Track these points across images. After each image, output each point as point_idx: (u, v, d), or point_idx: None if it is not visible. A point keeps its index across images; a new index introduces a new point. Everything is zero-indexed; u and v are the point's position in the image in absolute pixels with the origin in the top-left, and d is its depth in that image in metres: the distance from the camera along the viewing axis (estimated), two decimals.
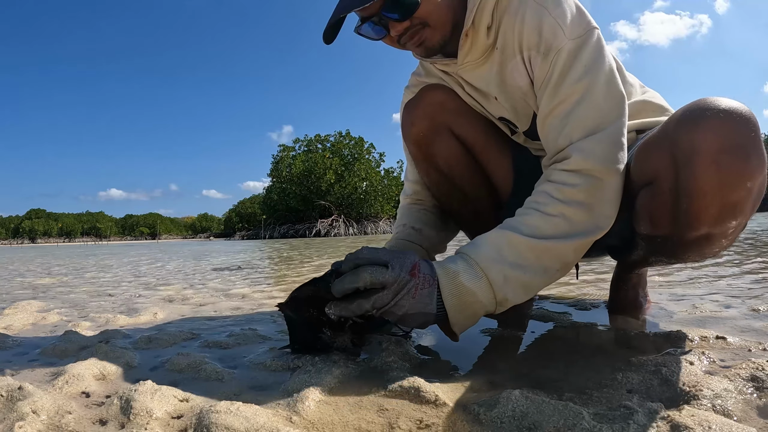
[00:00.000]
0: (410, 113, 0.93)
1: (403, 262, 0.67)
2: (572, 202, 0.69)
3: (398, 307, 0.66)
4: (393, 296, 0.65)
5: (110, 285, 2.21)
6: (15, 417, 0.49)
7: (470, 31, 0.79)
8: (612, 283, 1.05)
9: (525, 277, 0.69)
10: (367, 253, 0.69)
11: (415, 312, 0.66)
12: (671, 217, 0.67)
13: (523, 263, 0.69)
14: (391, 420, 0.50)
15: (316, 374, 0.62)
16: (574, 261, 0.72)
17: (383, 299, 0.65)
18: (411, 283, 0.66)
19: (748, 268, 1.72)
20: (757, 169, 0.59)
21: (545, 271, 0.70)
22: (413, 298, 0.66)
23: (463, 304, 0.67)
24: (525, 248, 0.69)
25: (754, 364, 0.58)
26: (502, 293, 0.67)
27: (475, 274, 0.67)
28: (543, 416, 0.47)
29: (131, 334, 0.97)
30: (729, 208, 0.62)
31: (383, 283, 0.65)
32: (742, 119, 0.58)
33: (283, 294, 1.65)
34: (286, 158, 29.64)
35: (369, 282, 0.65)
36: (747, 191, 0.60)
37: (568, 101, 0.71)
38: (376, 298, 0.65)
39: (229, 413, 0.48)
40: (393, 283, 0.65)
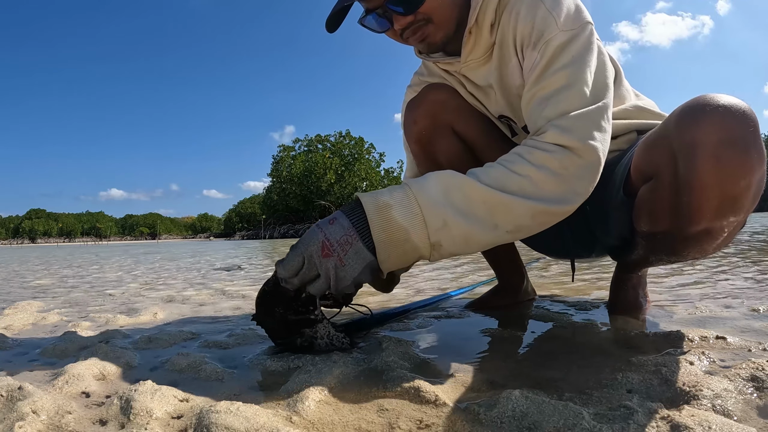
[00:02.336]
0: (413, 111, 0.94)
1: (309, 253, 0.67)
2: (542, 167, 0.66)
3: (341, 281, 0.67)
4: (326, 281, 0.67)
5: (110, 285, 2.21)
6: (15, 417, 0.49)
7: (474, 29, 0.79)
8: (612, 284, 1.05)
9: (468, 228, 0.65)
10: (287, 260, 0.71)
11: (357, 272, 0.66)
12: (672, 212, 0.68)
13: (471, 212, 0.65)
14: (391, 420, 0.50)
15: (316, 374, 0.62)
16: (529, 228, 0.68)
17: (321, 286, 0.68)
18: (330, 262, 0.66)
19: (748, 268, 1.72)
20: (756, 162, 0.59)
21: (494, 227, 0.66)
22: (344, 265, 0.66)
23: (392, 240, 0.65)
24: (478, 197, 0.65)
25: (754, 364, 0.58)
26: (437, 237, 0.65)
27: (410, 210, 0.65)
28: (543, 416, 0.47)
29: (131, 334, 0.97)
30: (729, 202, 0.62)
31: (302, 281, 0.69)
32: (742, 114, 0.59)
33: None
34: (287, 158, 29.65)
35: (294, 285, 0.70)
36: (746, 185, 0.60)
37: (550, 87, 0.70)
38: (316, 287, 0.69)
39: (229, 413, 0.48)
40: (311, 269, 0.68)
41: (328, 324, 0.76)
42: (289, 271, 0.69)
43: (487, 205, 0.65)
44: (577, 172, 0.66)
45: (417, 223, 0.64)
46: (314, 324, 0.75)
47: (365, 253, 0.66)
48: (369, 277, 0.67)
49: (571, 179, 0.66)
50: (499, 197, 0.64)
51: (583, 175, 0.67)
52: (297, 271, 0.68)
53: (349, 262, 0.65)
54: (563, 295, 1.31)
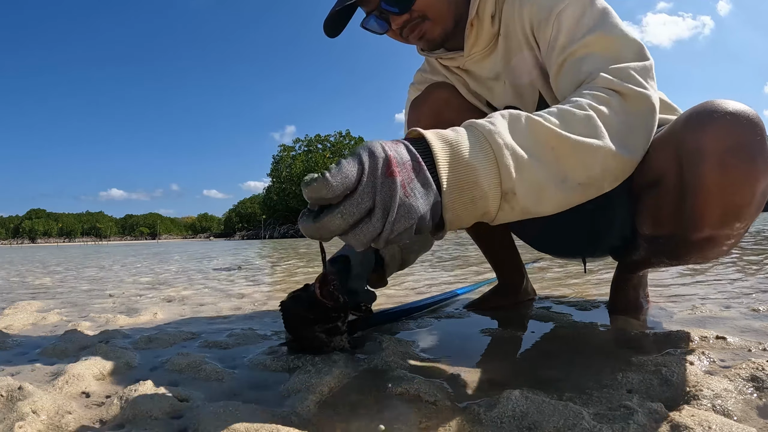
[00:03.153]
0: (416, 110, 0.95)
1: (372, 167, 0.47)
2: (605, 105, 0.58)
3: (402, 220, 0.47)
4: (383, 217, 0.47)
5: (110, 285, 2.21)
6: (15, 417, 0.49)
7: (475, 21, 0.80)
8: (612, 284, 1.05)
9: (540, 175, 0.53)
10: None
11: (424, 210, 0.48)
12: (675, 217, 0.67)
13: (542, 157, 0.53)
14: (391, 420, 0.50)
15: (316, 374, 0.62)
16: (600, 181, 0.58)
17: (374, 228, 0.47)
18: (395, 183, 0.46)
19: (748, 268, 1.72)
20: (762, 171, 0.58)
21: (563, 180, 0.55)
22: (409, 197, 0.47)
23: (461, 183, 0.50)
24: (546, 140, 0.54)
25: (754, 364, 0.58)
26: (510, 184, 0.51)
27: (481, 148, 0.51)
28: (543, 416, 0.47)
29: (131, 334, 0.97)
30: (733, 210, 0.61)
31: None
32: (749, 122, 0.58)
33: (284, 294, 1.65)
34: (287, 158, 29.63)
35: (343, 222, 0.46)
36: (751, 193, 0.60)
37: (583, 50, 0.66)
38: (365, 230, 0.47)
39: (229, 413, 0.48)
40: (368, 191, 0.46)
41: (346, 338, 0.75)
42: (341, 184, 0.45)
43: (556, 151, 0.54)
44: (634, 120, 0.60)
45: (489, 164, 0.51)
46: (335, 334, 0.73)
47: (434, 189, 0.49)
48: (429, 223, 0.50)
49: (632, 126, 0.60)
50: (567, 140, 0.54)
51: (639, 125, 0.60)
52: (350, 187, 0.46)
53: (415, 193, 0.48)
54: (563, 295, 1.31)
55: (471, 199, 0.51)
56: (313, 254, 4.49)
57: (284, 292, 1.69)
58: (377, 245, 0.48)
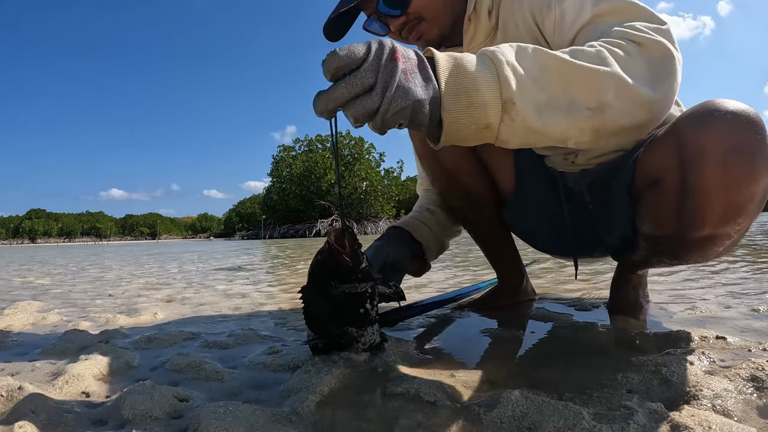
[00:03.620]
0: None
1: (378, 50, 0.50)
2: (618, 47, 0.56)
3: (398, 99, 0.49)
4: (382, 93, 0.49)
5: (110, 285, 2.21)
6: (15, 417, 0.49)
7: (472, 16, 0.81)
8: (612, 284, 1.05)
9: (542, 97, 0.52)
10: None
11: (420, 96, 0.50)
12: (676, 217, 0.67)
13: (546, 82, 0.53)
14: (391, 420, 0.50)
15: (316, 374, 0.62)
16: (613, 110, 0.54)
17: (372, 102, 0.49)
18: (397, 68, 0.49)
19: (748, 267, 1.72)
20: (763, 171, 0.59)
21: (570, 104, 0.53)
22: (408, 81, 0.50)
23: (459, 87, 0.52)
24: (554, 66, 0.53)
25: (754, 364, 0.58)
26: (509, 92, 0.51)
27: (482, 62, 0.52)
28: (543, 416, 0.47)
29: (131, 334, 0.97)
30: (734, 209, 0.62)
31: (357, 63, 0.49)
32: (750, 121, 0.58)
33: (284, 293, 1.65)
34: (287, 158, 29.67)
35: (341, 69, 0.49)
36: (752, 193, 0.60)
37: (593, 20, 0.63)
38: (364, 102, 0.49)
39: (229, 413, 0.48)
40: (371, 69, 0.49)
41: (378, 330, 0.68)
42: (347, 57, 0.49)
43: (562, 76, 0.53)
44: (652, 64, 0.56)
45: (489, 74, 0.51)
46: (365, 325, 0.67)
47: (434, 84, 0.51)
48: (426, 113, 0.51)
49: (651, 68, 0.56)
50: (577, 66, 0.53)
51: (659, 68, 0.56)
52: (355, 63, 0.49)
53: (415, 81, 0.50)
54: (563, 295, 1.31)
55: (469, 104, 0.52)
56: (312, 252, 4.48)
57: (284, 292, 1.69)
58: (374, 124, 0.50)
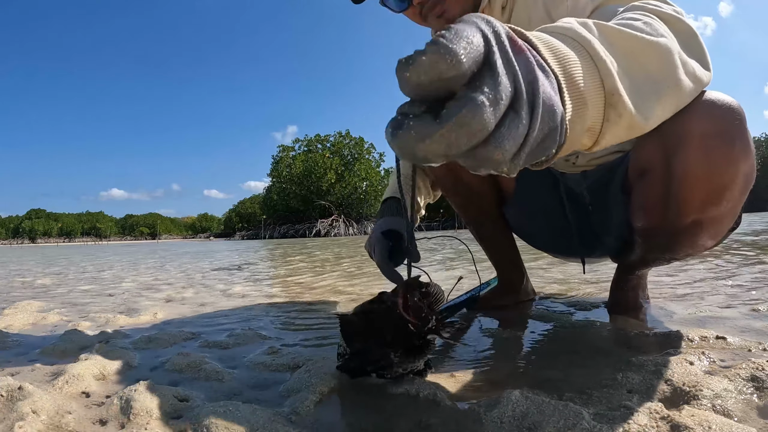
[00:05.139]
0: None
1: (497, 34, 0.32)
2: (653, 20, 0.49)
3: (547, 115, 0.33)
4: (530, 110, 0.31)
5: (110, 285, 2.21)
6: (15, 417, 0.49)
7: (486, 9, 0.82)
8: (612, 284, 1.05)
9: (626, 82, 0.41)
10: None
11: (560, 110, 0.34)
12: (663, 205, 0.69)
13: (623, 64, 0.42)
14: (391, 420, 0.50)
15: (316, 374, 0.62)
16: (685, 84, 0.49)
17: (523, 126, 0.31)
18: (531, 61, 0.33)
19: (748, 267, 1.72)
20: (741, 153, 0.60)
21: (655, 85, 0.45)
22: (545, 82, 0.33)
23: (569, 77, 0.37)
24: (620, 41, 0.43)
25: (754, 364, 0.58)
26: (612, 82, 0.40)
27: (571, 45, 0.40)
28: (543, 416, 0.47)
29: (131, 334, 0.97)
30: (716, 192, 0.63)
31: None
32: (729, 108, 0.60)
33: (283, 293, 1.65)
34: (286, 158, 29.66)
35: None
36: (733, 175, 0.61)
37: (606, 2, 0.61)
38: (513, 131, 0.30)
39: (229, 413, 0.48)
40: (506, 70, 0.31)
41: (424, 358, 0.58)
42: (464, 50, 0.29)
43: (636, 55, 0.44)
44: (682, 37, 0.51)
45: (584, 60, 0.39)
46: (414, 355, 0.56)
47: (553, 77, 0.35)
48: (556, 143, 0.35)
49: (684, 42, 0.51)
50: (648, 41, 0.45)
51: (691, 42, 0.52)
52: (478, 60, 0.30)
53: (546, 81, 0.34)
54: (563, 295, 1.31)
55: (582, 102, 0.38)
56: (313, 252, 4.49)
57: (284, 292, 1.69)
58: (512, 165, 0.32)
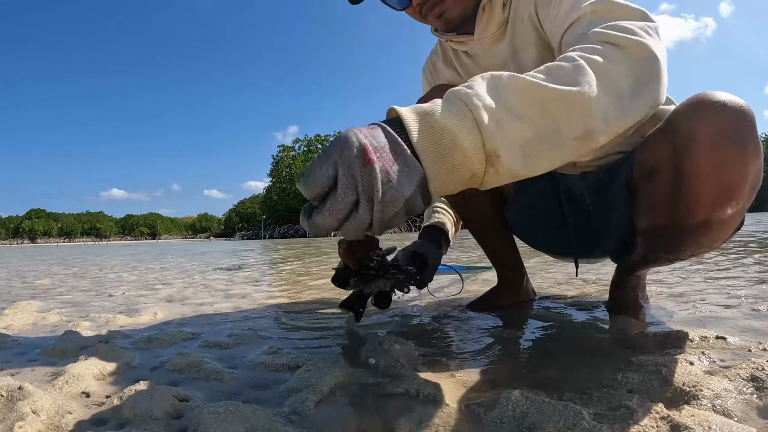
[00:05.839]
0: None
1: (346, 163, 0.46)
2: (600, 55, 0.53)
3: (390, 205, 0.47)
4: (369, 208, 0.46)
5: (110, 285, 2.21)
6: (15, 417, 0.49)
7: (487, 6, 0.82)
8: (612, 284, 1.05)
9: (527, 134, 0.49)
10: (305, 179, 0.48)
11: (410, 191, 0.47)
12: (671, 204, 0.69)
13: (528, 114, 0.49)
14: (391, 420, 0.50)
15: (317, 374, 0.62)
16: (601, 133, 0.52)
17: (362, 220, 0.47)
18: (375, 174, 0.46)
19: (748, 267, 1.72)
20: (751, 153, 0.60)
21: (556, 132, 0.50)
22: (392, 181, 0.47)
23: (440, 149, 0.48)
24: (532, 95, 0.50)
25: (754, 364, 0.58)
26: (493, 144, 0.48)
27: (458, 111, 0.48)
28: (543, 416, 0.47)
29: (131, 334, 0.97)
30: (725, 191, 0.63)
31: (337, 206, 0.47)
32: (738, 109, 0.60)
33: (283, 293, 1.65)
34: (286, 158, 29.68)
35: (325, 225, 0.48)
36: (743, 174, 0.61)
37: (580, 20, 0.64)
38: (355, 223, 0.47)
39: (229, 413, 0.48)
40: (348, 187, 0.46)
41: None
42: (313, 186, 0.47)
43: (544, 104, 0.50)
44: (634, 67, 0.54)
45: (467, 124, 0.48)
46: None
47: (416, 165, 0.48)
48: (420, 202, 0.49)
49: (633, 73, 0.54)
50: (557, 91, 0.50)
51: (642, 72, 0.54)
52: (326, 186, 0.47)
53: (398, 177, 0.47)
54: (563, 295, 1.31)
55: (452, 165, 0.49)
56: (312, 252, 4.49)
57: (284, 291, 1.69)
58: (373, 233, 0.49)
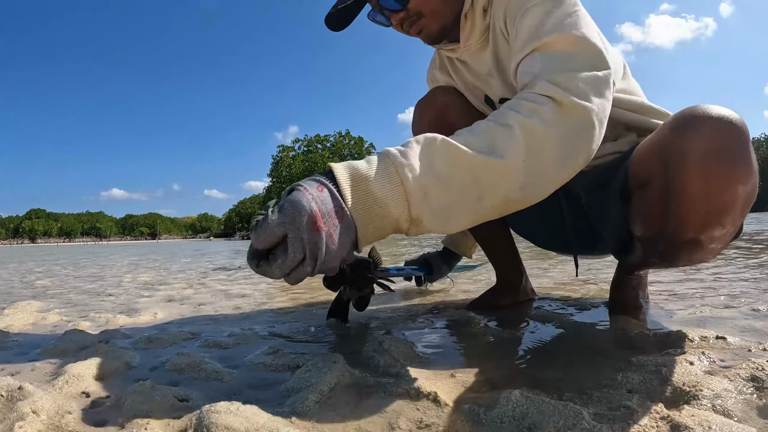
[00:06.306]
0: (420, 112, 1.00)
1: (298, 223, 0.52)
2: (532, 115, 0.58)
3: (328, 263, 0.55)
4: (313, 264, 0.54)
5: (110, 285, 2.21)
6: (15, 417, 0.49)
7: (469, 14, 0.82)
8: (612, 284, 1.05)
9: (450, 200, 0.56)
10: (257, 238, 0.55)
11: (345, 251, 0.56)
12: (662, 219, 0.67)
13: (454, 182, 0.56)
14: (391, 420, 0.50)
15: (317, 374, 0.62)
16: (518, 202, 0.59)
17: (305, 271, 0.55)
18: (321, 239, 0.53)
19: (748, 267, 1.72)
20: (743, 174, 0.58)
21: (478, 199, 0.57)
22: (334, 244, 0.54)
23: (371, 216, 0.55)
24: (463, 164, 0.56)
25: (754, 364, 0.58)
26: (418, 212, 0.55)
27: (389, 181, 0.55)
28: (543, 416, 0.47)
29: (131, 334, 0.97)
30: (715, 213, 0.61)
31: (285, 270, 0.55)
32: (732, 126, 0.58)
33: (284, 293, 1.65)
34: (286, 159, 29.69)
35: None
36: (733, 197, 0.59)
37: (534, 52, 0.65)
38: (299, 275, 0.55)
39: (229, 413, 0.48)
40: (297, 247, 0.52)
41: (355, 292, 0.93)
42: (264, 242, 0.54)
43: (473, 173, 0.56)
44: (566, 131, 0.59)
45: (397, 196, 0.55)
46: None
47: (352, 228, 0.55)
48: (351, 254, 0.58)
49: (564, 137, 0.59)
50: (486, 162, 0.56)
51: (573, 136, 0.59)
52: (275, 244, 0.54)
53: (339, 239, 0.54)
54: (563, 295, 1.31)
55: (380, 227, 0.57)
56: None
57: (284, 291, 1.69)
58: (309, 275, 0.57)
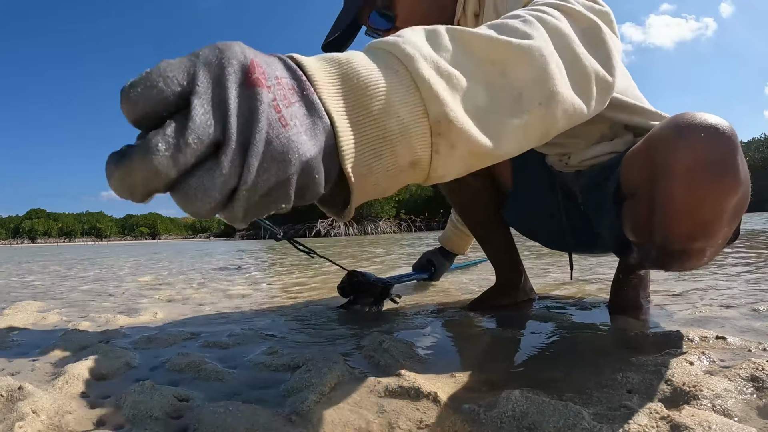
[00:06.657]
0: None
1: (217, 65, 0.27)
2: (543, 12, 0.46)
3: (277, 160, 0.27)
4: (241, 157, 0.26)
5: (110, 285, 2.21)
6: (15, 417, 0.49)
7: (462, 19, 0.82)
8: (613, 284, 1.05)
9: (482, 98, 0.36)
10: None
11: (309, 147, 0.28)
12: (649, 228, 0.66)
13: (481, 75, 0.37)
14: (391, 420, 0.50)
15: (317, 374, 0.62)
16: (565, 100, 0.42)
17: (222, 178, 0.25)
18: (260, 97, 0.27)
19: (748, 267, 1.72)
20: (730, 188, 0.55)
21: (517, 99, 0.38)
22: (286, 126, 0.27)
23: (362, 111, 0.31)
24: (483, 50, 0.38)
25: (754, 364, 0.58)
26: (439, 107, 0.33)
27: (383, 63, 0.33)
28: (543, 416, 0.47)
29: (131, 334, 0.97)
30: (700, 227, 0.59)
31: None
32: (720, 137, 0.55)
33: (283, 293, 1.65)
34: None
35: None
36: (720, 211, 0.57)
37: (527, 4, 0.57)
38: (207, 181, 0.25)
39: (229, 413, 0.48)
40: (211, 105, 0.26)
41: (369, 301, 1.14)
42: (147, 97, 0.25)
43: (499, 65, 0.38)
44: (586, 34, 0.48)
45: (401, 83, 0.33)
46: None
47: (326, 120, 0.30)
48: (322, 177, 0.30)
49: (587, 37, 0.48)
50: (511, 46, 0.39)
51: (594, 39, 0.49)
52: (169, 103, 0.26)
53: (295, 122, 0.28)
54: (563, 295, 1.31)
55: (382, 135, 0.32)
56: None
57: (284, 291, 1.69)
58: (230, 214, 0.27)
